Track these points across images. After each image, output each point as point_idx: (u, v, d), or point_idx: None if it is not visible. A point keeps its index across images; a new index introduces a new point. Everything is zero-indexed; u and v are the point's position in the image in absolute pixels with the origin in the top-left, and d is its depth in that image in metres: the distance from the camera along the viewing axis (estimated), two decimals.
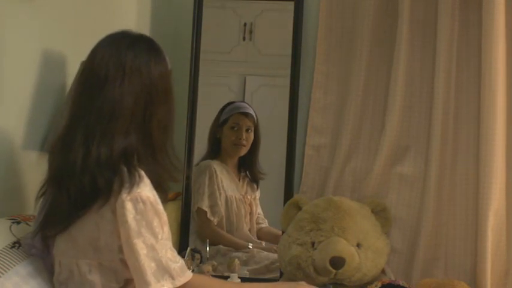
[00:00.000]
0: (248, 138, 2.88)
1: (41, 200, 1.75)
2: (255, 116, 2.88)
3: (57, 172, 1.67)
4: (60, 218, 1.66)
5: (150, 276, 1.59)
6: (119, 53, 1.67)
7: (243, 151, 2.89)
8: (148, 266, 1.59)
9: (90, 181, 1.60)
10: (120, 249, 1.62)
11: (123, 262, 1.63)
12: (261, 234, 2.89)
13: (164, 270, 1.61)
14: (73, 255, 1.67)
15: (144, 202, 1.60)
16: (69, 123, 1.69)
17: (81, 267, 1.66)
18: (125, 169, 1.61)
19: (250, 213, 2.88)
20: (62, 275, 1.71)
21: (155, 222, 1.61)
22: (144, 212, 1.59)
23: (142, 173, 1.63)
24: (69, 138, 1.65)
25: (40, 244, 1.75)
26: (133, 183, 1.59)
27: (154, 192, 1.64)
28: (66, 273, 1.69)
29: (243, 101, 2.92)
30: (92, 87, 1.67)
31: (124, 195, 1.58)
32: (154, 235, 1.61)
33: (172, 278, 1.62)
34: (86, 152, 1.62)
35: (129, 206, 1.58)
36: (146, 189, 1.62)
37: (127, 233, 1.59)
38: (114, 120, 1.64)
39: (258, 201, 2.91)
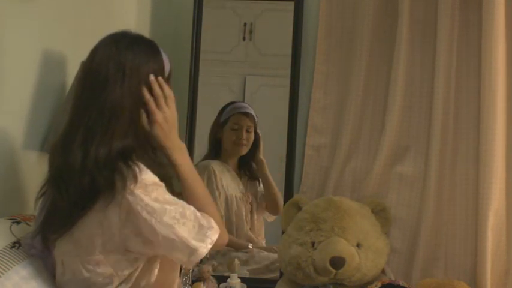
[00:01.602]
0: (249, 138, 2.88)
1: (41, 200, 1.75)
2: (255, 116, 2.88)
3: (57, 173, 1.67)
4: (60, 220, 1.66)
5: (193, 242, 1.63)
6: (119, 53, 1.67)
7: (244, 151, 2.89)
8: (188, 234, 1.63)
9: (90, 182, 1.60)
10: (123, 242, 1.62)
11: (127, 253, 1.64)
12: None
13: (200, 230, 1.65)
14: (76, 254, 1.67)
15: (153, 184, 1.62)
16: (70, 123, 1.69)
17: (84, 265, 1.66)
18: (123, 165, 1.61)
19: (251, 212, 2.88)
20: (65, 275, 1.71)
21: (168, 195, 1.65)
22: (158, 192, 1.62)
23: (141, 164, 1.64)
24: (69, 139, 1.66)
25: (40, 245, 1.75)
26: (136, 174, 1.60)
27: (157, 178, 1.66)
28: (70, 272, 1.70)
29: (243, 101, 2.92)
30: (92, 87, 1.67)
31: (131, 186, 1.59)
32: (176, 204, 1.64)
33: (210, 230, 1.67)
34: (85, 153, 1.62)
35: (140, 192, 1.60)
36: (149, 174, 1.63)
37: (151, 217, 1.60)
38: (115, 120, 1.64)
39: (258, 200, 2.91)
